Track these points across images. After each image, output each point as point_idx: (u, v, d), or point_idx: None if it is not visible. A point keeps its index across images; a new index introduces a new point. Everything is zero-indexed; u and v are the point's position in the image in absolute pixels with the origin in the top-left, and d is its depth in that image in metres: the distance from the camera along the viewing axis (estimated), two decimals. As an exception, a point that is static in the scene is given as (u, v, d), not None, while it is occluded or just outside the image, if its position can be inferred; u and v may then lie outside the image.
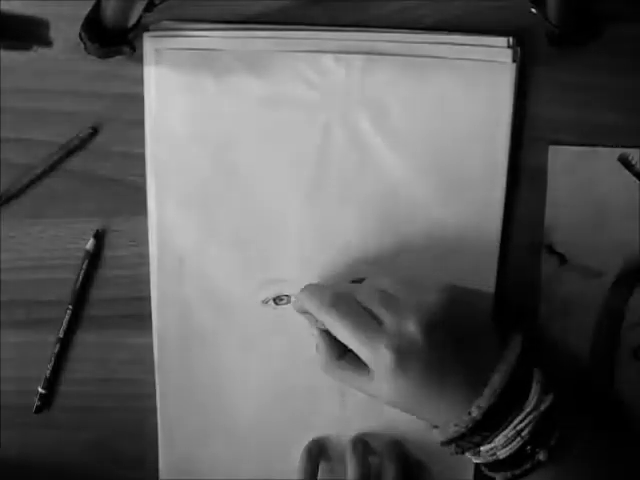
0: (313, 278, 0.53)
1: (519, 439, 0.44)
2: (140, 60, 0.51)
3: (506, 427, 0.44)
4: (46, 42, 0.51)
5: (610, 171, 0.52)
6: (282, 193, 0.52)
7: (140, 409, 0.55)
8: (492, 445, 0.44)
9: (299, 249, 0.53)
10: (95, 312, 0.54)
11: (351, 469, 0.54)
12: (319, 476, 0.55)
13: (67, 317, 0.53)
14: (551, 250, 0.53)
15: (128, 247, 0.54)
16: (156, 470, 0.55)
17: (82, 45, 0.48)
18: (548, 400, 0.45)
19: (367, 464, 0.54)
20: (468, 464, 0.55)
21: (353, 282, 0.51)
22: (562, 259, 0.53)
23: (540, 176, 0.53)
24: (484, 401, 0.44)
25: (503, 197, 0.52)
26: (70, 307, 0.53)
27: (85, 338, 0.54)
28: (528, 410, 0.44)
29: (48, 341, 0.54)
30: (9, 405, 0.55)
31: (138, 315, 0.54)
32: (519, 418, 0.44)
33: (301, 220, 0.53)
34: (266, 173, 0.52)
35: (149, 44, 0.50)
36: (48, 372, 0.54)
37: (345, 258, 0.53)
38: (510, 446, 0.44)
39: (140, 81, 0.51)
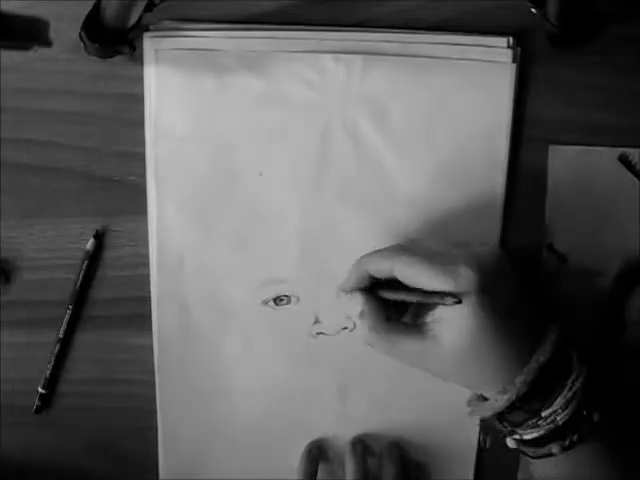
0: (313, 278, 0.53)
1: (575, 401, 0.43)
2: (140, 60, 0.51)
3: (561, 390, 0.44)
4: (46, 42, 0.51)
5: (610, 171, 0.52)
6: (282, 193, 0.52)
7: (140, 409, 0.55)
8: (552, 409, 0.44)
9: (299, 249, 0.53)
10: (95, 312, 0.54)
11: (350, 470, 0.54)
12: (318, 477, 0.55)
13: (67, 317, 0.53)
14: (551, 250, 0.53)
15: (128, 247, 0.54)
16: (156, 470, 0.55)
17: (82, 45, 0.48)
18: (586, 367, 0.45)
19: (366, 465, 0.54)
20: (468, 464, 0.56)
21: None
22: (562, 259, 0.53)
23: (540, 176, 0.53)
24: (544, 353, 0.44)
25: (503, 197, 0.52)
26: (70, 307, 0.53)
27: (85, 338, 0.54)
28: (577, 373, 0.44)
29: (48, 341, 0.54)
30: (9, 405, 0.55)
31: (138, 315, 0.54)
32: (571, 379, 0.44)
33: (301, 220, 0.53)
34: (266, 173, 0.52)
35: (149, 44, 0.50)
36: (48, 372, 0.54)
37: (345, 258, 0.53)
38: (569, 408, 0.43)
39: (140, 81, 0.51)
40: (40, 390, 0.54)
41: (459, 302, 0.43)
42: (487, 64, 0.51)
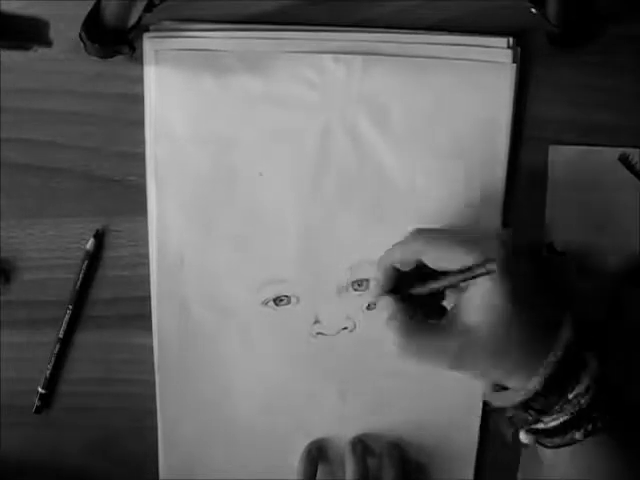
0: (313, 278, 0.53)
1: (595, 386, 0.43)
2: (140, 60, 0.51)
3: (581, 373, 0.44)
4: (46, 42, 0.51)
5: (610, 171, 0.52)
6: (282, 193, 0.52)
7: (140, 409, 0.55)
8: (578, 391, 0.43)
9: (299, 249, 0.53)
10: (95, 312, 0.54)
11: (350, 470, 0.54)
12: (318, 477, 0.55)
13: (67, 317, 0.53)
14: (551, 249, 0.53)
15: (128, 247, 0.54)
16: (156, 470, 0.55)
17: (82, 45, 0.48)
18: (598, 364, 0.45)
19: (366, 465, 0.54)
20: (468, 464, 0.56)
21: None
22: (563, 258, 0.53)
23: (540, 176, 0.53)
24: (567, 331, 0.44)
25: (503, 197, 0.52)
26: (70, 307, 0.53)
27: (85, 338, 0.54)
28: (592, 368, 0.44)
29: (48, 341, 0.54)
30: (9, 405, 0.55)
31: (138, 315, 0.54)
32: (591, 363, 0.44)
33: (301, 220, 0.53)
34: (266, 173, 0.52)
35: (149, 45, 0.50)
36: (48, 372, 0.54)
37: (345, 258, 0.53)
38: (591, 390, 0.43)
39: (140, 81, 0.51)
40: (40, 390, 0.54)
41: (492, 270, 0.42)
42: (487, 64, 0.51)
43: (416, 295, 0.47)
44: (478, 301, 0.43)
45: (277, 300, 0.53)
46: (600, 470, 0.45)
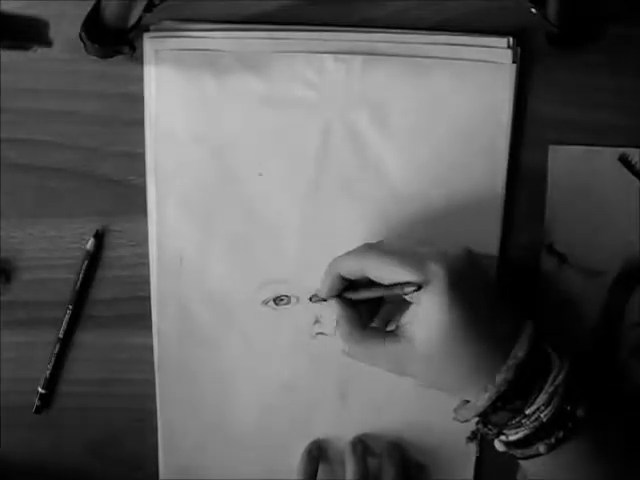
0: (313, 278, 0.53)
1: (557, 397, 0.43)
2: (140, 60, 0.51)
3: (543, 387, 0.43)
4: (46, 42, 0.51)
5: (610, 171, 0.52)
6: (282, 193, 0.52)
7: (140, 409, 0.55)
8: (535, 406, 0.43)
9: (299, 249, 0.53)
10: (95, 312, 0.54)
11: (350, 470, 0.54)
12: (319, 477, 0.55)
13: (67, 317, 0.53)
14: (551, 249, 0.53)
15: (128, 247, 0.54)
16: (156, 470, 0.55)
17: (82, 45, 0.48)
18: (567, 362, 0.45)
19: (366, 465, 0.54)
20: (468, 464, 0.56)
21: None
22: (562, 258, 0.53)
23: (540, 176, 0.53)
24: (521, 348, 0.44)
25: (503, 197, 0.52)
26: (70, 307, 0.53)
27: (85, 338, 0.54)
28: (557, 368, 0.44)
29: (48, 341, 0.54)
30: (9, 405, 0.55)
31: (138, 315, 0.54)
32: (552, 375, 0.44)
33: (301, 220, 0.53)
34: (266, 173, 0.52)
35: (149, 45, 0.50)
36: (48, 372, 0.54)
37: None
38: (552, 404, 0.43)
39: (140, 81, 0.51)
40: (40, 390, 0.54)
41: (419, 288, 0.43)
42: (487, 64, 0.51)
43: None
44: (422, 316, 0.44)
45: (277, 300, 0.53)
46: (578, 475, 0.45)
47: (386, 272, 0.45)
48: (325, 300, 0.49)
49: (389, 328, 0.49)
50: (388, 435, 0.55)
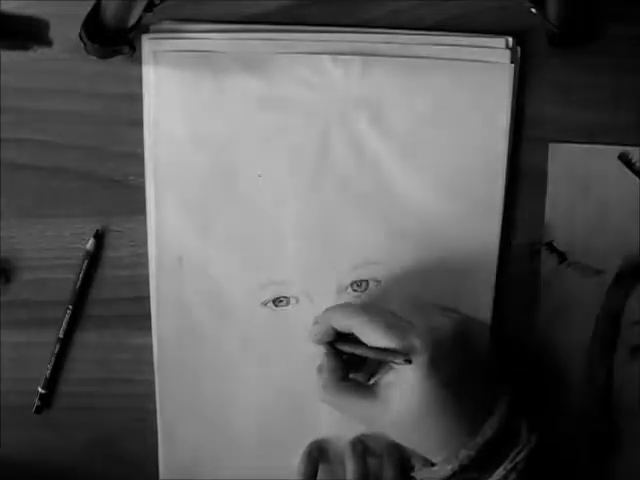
0: (312, 279, 0.53)
1: (514, 473, 0.45)
2: (140, 60, 0.51)
3: (502, 462, 0.45)
4: (46, 42, 0.51)
5: (610, 170, 0.52)
6: (281, 194, 0.52)
7: (140, 409, 0.55)
8: (496, 478, 0.45)
9: (298, 250, 0.53)
10: (95, 312, 0.54)
11: (350, 470, 0.54)
12: (319, 477, 0.54)
13: (67, 317, 0.53)
14: (551, 248, 0.53)
15: (128, 247, 0.54)
16: (156, 470, 0.55)
17: (82, 45, 0.48)
18: (534, 438, 0.46)
19: (366, 465, 0.54)
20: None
21: None
22: (562, 257, 0.53)
23: (540, 175, 0.53)
24: (491, 427, 0.45)
25: (502, 197, 0.52)
26: (70, 307, 0.53)
27: (85, 338, 0.54)
28: (522, 445, 0.46)
29: (48, 341, 0.54)
30: (9, 405, 0.55)
31: (138, 315, 0.54)
32: (515, 451, 0.45)
33: (300, 221, 0.53)
34: (265, 174, 0.52)
35: (147, 46, 0.50)
36: (48, 372, 0.54)
37: (345, 259, 0.53)
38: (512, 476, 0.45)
39: (140, 81, 0.51)
40: (40, 390, 0.54)
41: (409, 362, 0.44)
42: (486, 65, 0.51)
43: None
44: (400, 384, 0.46)
45: (276, 301, 0.53)
46: None
47: (371, 337, 0.46)
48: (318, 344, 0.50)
49: (371, 381, 0.50)
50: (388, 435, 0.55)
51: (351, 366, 0.50)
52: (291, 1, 0.51)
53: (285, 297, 0.53)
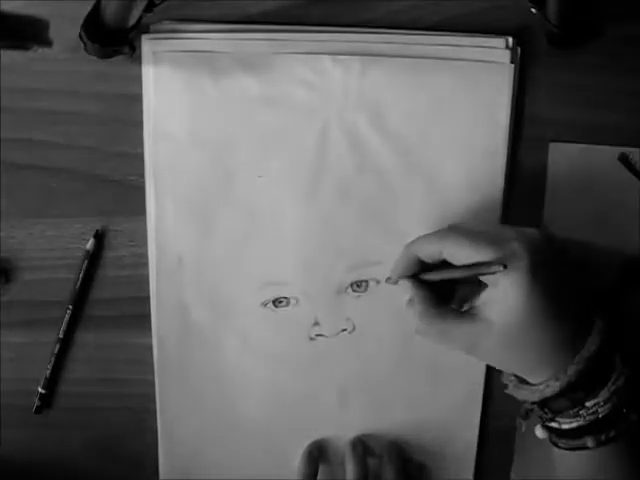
0: (312, 280, 0.53)
1: (616, 396, 0.44)
2: (140, 60, 0.51)
3: (605, 384, 0.44)
4: (46, 42, 0.51)
5: (610, 170, 0.52)
6: (280, 194, 0.52)
7: (140, 409, 0.55)
8: (596, 400, 0.44)
9: (298, 251, 0.53)
10: (95, 312, 0.54)
11: (350, 470, 0.54)
12: (319, 477, 0.55)
13: (67, 317, 0.53)
14: (550, 248, 0.53)
15: (128, 247, 0.54)
16: (156, 470, 0.55)
17: (82, 45, 0.48)
18: (628, 367, 0.45)
19: (366, 465, 0.54)
20: (468, 464, 0.56)
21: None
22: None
23: (539, 175, 0.53)
24: (591, 348, 0.43)
25: (502, 197, 0.52)
26: (70, 307, 0.53)
27: (85, 338, 0.54)
28: (620, 369, 0.44)
29: (48, 341, 0.54)
30: (9, 405, 0.55)
31: (138, 315, 0.54)
32: (615, 374, 0.44)
33: (300, 221, 0.53)
34: (264, 174, 0.52)
35: (147, 46, 0.50)
36: (48, 372, 0.54)
37: (344, 259, 0.53)
38: (611, 402, 0.44)
39: (140, 81, 0.51)
40: (40, 390, 0.54)
41: (505, 267, 0.42)
42: (485, 64, 0.51)
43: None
44: (501, 298, 0.43)
45: (276, 302, 0.53)
46: (609, 477, 0.45)
47: (467, 252, 0.44)
48: (395, 283, 0.48)
49: (465, 308, 0.48)
50: (388, 435, 0.55)
51: (440, 300, 0.47)
52: (291, 1, 0.51)
53: (285, 298, 0.53)
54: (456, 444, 0.55)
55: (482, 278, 0.44)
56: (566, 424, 0.45)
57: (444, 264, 0.46)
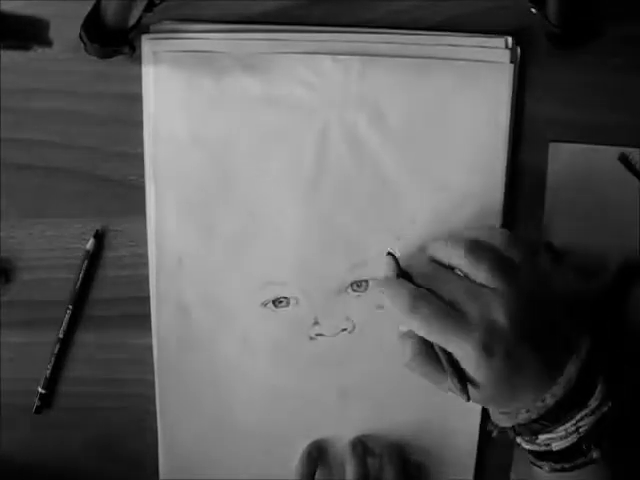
0: (312, 280, 0.53)
1: (576, 435, 0.44)
2: (140, 60, 0.51)
3: (567, 421, 0.44)
4: (46, 42, 0.51)
5: (610, 170, 0.52)
6: (280, 194, 0.52)
7: (140, 409, 0.55)
8: (550, 436, 0.44)
9: (298, 251, 0.53)
10: (95, 312, 0.54)
11: (350, 471, 0.54)
12: (320, 478, 0.55)
13: (67, 317, 0.53)
14: (549, 248, 0.53)
15: (128, 247, 0.54)
16: (156, 470, 0.55)
17: (82, 45, 0.48)
18: (608, 404, 0.45)
19: (366, 466, 0.54)
20: (468, 465, 0.56)
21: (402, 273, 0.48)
22: (560, 257, 0.53)
23: (539, 175, 0.53)
24: (559, 390, 0.44)
25: (502, 196, 0.52)
26: (70, 307, 0.53)
27: (85, 338, 0.54)
28: (592, 408, 0.44)
29: (48, 341, 0.54)
30: (9, 405, 0.55)
31: (138, 315, 0.54)
32: (582, 414, 0.44)
33: (300, 221, 0.52)
34: (264, 174, 0.52)
35: (147, 46, 0.50)
36: (48, 372, 0.54)
37: (344, 259, 0.53)
38: (567, 440, 0.44)
39: (140, 81, 0.51)
40: (40, 390, 0.54)
41: (468, 400, 0.44)
42: (485, 64, 0.51)
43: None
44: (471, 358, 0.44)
45: (276, 302, 0.53)
46: None
47: (425, 335, 0.44)
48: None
49: None
50: (388, 435, 0.55)
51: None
52: (291, 1, 0.51)
53: (285, 298, 0.53)
54: (456, 444, 0.55)
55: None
56: (525, 444, 0.46)
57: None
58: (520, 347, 0.44)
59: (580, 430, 0.44)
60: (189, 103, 0.51)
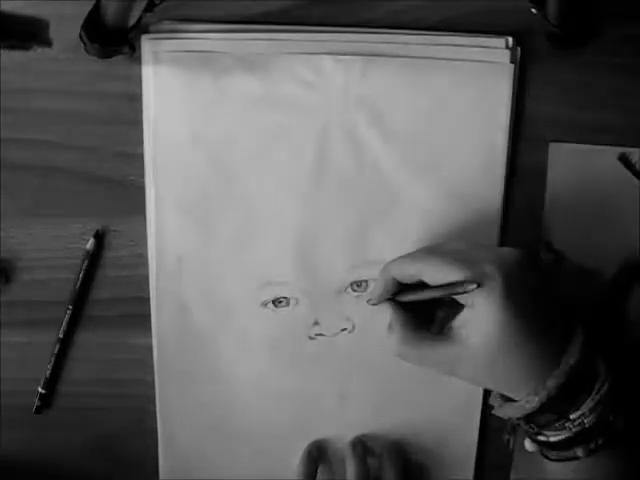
0: (312, 280, 0.53)
1: (602, 405, 0.44)
2: (140, 60, 0.51)
3: (590, 393, 0.44)
4: (46, 42, 0.51)
5: (610, 170, 0.52)
6: (281, 194, 0.52)
7: (140, 409, 0.55)
8: (581, 412, 0.44)
9: (298, 251, 0.53)
10: (95, 312, 0.54)
11: (350, 470, 0.54)
12: (319, 478, 0.55)
13: (67, 317, 0.53)
14: (549, 248, 0.53)
15: (128, 247, 0.54)
16: (156, 470, 0.55)
17: (82, 45, 0.48)
18: (612, 372, 0.45)
19: (366, 466, 0.54)
20: (468, 464, 0.56)
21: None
22: (560, 257, 0.53)
23: (539, 175, 0.53)
24: (573, 354, 0.44)
25: (502, 196, 0.52)
26: (70, 307, 0.53)
27: (85, 338, 0.54)
28: (603, 377, 0.44)
29: (48, 341, 0.54)
30: (9, 405, 0.55)
31: (138, 315, 0.54)
32: (599, 383, 0.44)
33: (300, 222, 0.52)
34: (265, 174, 0.52)
35: (147, 46, 0.50)
36: (48, 372, 0.54)
37: (344, 259, 0.53)
38: (596, 411, 0.44)
39: (140, 81, 0.51)
40: (40, 390, 0.54)
41: (479, 285, 0.43)
42: (485, 65, 0.51)
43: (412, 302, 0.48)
44: (475, 319, 0.44)
45: (276, 302, 0.53)
46: None
47: (442, 274, 0.45)
48: (376, 304, 0.49)
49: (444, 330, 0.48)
50: (388, 435, 0.55)
51: (421, 323, 0.48)
52: (291, 1, 0.51)
53: (285, 298, 0.53)
54: (456, 444, 0.55)
55: (458, 299, 0.45)
56: (554, 437, 0.45)
57: (422, 285, 0.46)
58: (536, 295, 0.44)
59: (604, 399, 0.44)
60: (189, 103, 0.51)
